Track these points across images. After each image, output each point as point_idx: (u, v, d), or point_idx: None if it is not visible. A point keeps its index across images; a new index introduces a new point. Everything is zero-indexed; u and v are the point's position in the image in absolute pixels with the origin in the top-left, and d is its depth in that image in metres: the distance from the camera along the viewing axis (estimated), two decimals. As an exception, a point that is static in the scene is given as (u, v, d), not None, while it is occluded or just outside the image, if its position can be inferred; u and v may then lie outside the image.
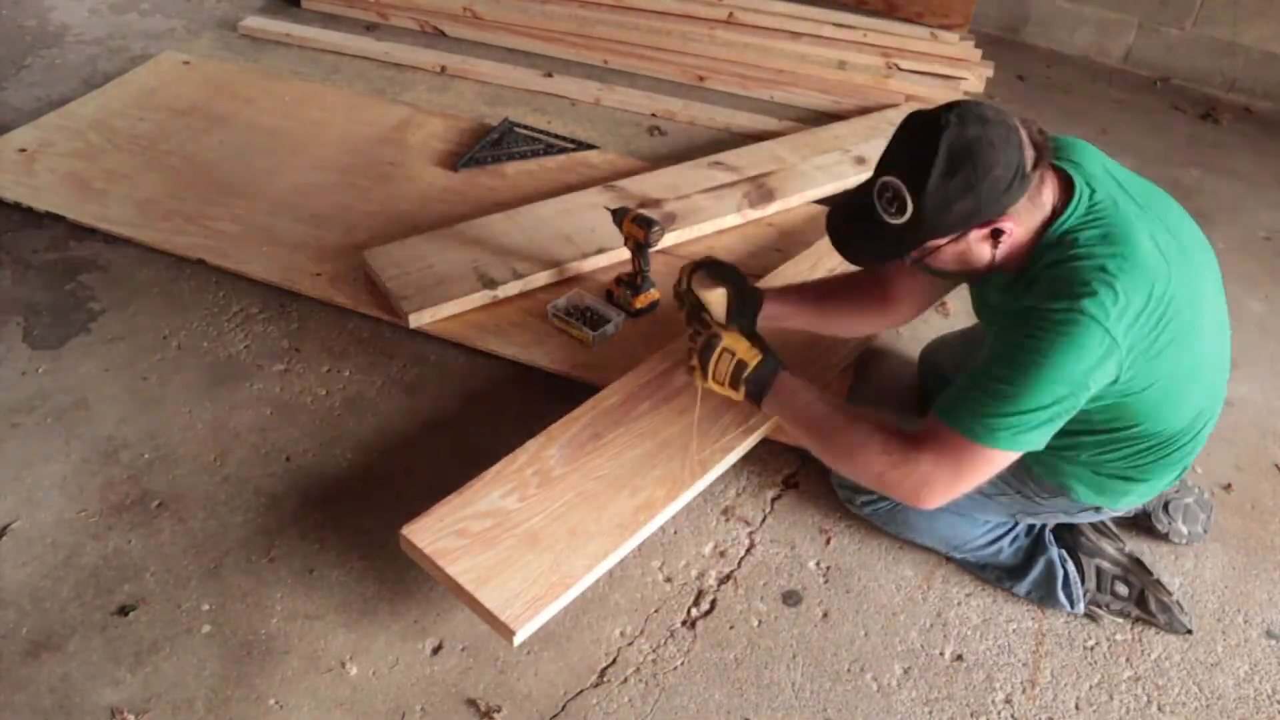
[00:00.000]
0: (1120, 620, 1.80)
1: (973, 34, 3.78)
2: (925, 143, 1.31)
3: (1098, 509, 1.68)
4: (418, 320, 2.20)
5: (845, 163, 2.81)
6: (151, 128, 2.87)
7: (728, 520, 1.93)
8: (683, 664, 1.69)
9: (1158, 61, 3.77)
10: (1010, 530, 1.81)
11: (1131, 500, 1.68)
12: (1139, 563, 1.81)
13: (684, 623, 1.75)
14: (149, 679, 1.61)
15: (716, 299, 1.69)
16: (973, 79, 3.42)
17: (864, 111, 3.25)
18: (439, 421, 2.08)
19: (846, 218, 1.46)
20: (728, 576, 1.83)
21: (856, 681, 1.68)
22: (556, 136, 3.00)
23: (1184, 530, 1.91)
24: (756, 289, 1.78)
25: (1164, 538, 1.92)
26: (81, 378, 2.13)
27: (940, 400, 1.44)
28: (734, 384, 1.62)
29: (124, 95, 3.02)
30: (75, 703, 1.57)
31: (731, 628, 1.75)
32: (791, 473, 2.03)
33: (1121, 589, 1.78)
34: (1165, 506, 1.91)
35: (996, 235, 1.37)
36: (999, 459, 1.39)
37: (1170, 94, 3.71)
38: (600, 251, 2.39)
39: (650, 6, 3.67)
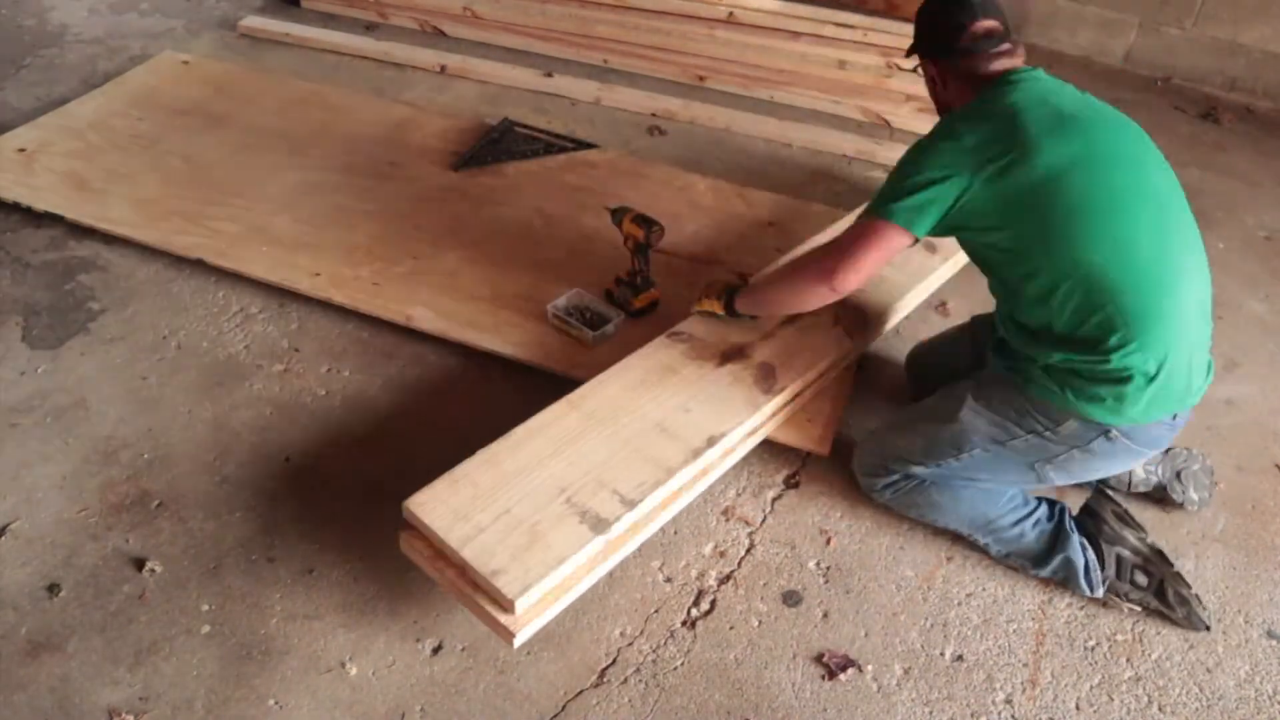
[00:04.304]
0: (1137, 610, 1.80)
1: (973, 34, 3.78)
2: None
3: (1107, 433, 1.63)
4: (525, 604, 1.54)
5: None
6: (151, 128, 2.87)
7: (728, 520, 1.93)
8: (683, 664, 1.69)
9: (1158, 61, 3.77)
10: (1033, 512, 1.83)
11: (1132, 409, 1.60)
12: (1160, 554, 1.82)
13: (684, 623, 1.75)
14: (148, 679, 1.61)
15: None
16: (973, 79, 3.42)
17: (864, 111, 3.24)
18: (439, 421, 2.08)
19: None
20: (728, 576, 1.83)
21: (856, 681, 1.68)
22: (556, 136, 3.00)
23: (1195, 497, 1.98)
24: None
25: (1180, 507, 1.98)
26: (80, 378, 2.13)
27: None
28: (717, 297, 2.06)
29: (124, 95, 3.02)
30: (75, 703, 1.57)
31: (731, 628, 1.75)
32: (791, 473, 2.03)
33: (1141, 579, 1.80)
34: (1178, 475, 1.98)
35: (933, 81, 1.82)
36: (888, 230, 1.68)
37: (1171, 94, 3.71)
38: (711, 442, 1.80)
39: (650, 6, 3.66)
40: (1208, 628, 1.78)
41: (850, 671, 1.69)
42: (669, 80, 3.44)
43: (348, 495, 1.92)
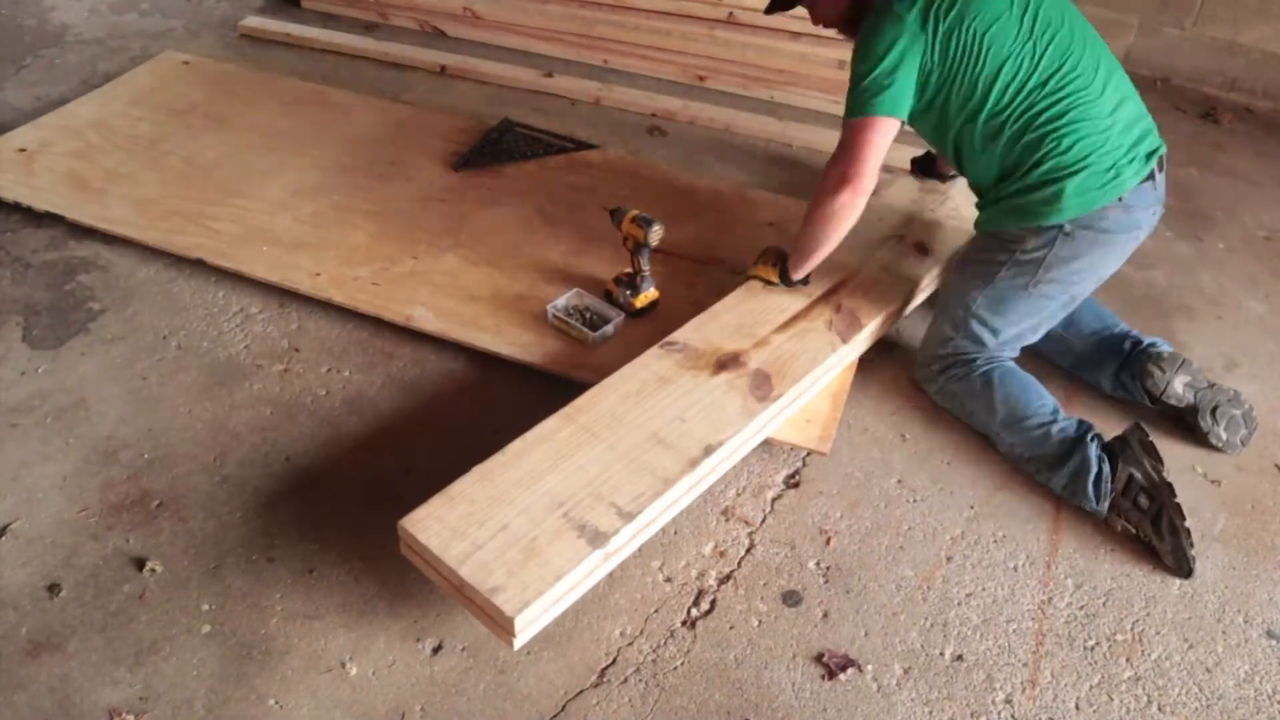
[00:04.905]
0: (1131, 532, 1.90)
1: (973, 34, 3.78)
2: None
3: (1064, 229, 1.87)
4: (524, 624, 1.53)
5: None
6: (151, 128, 2.87)
7: (728, 520, 1.93)
8: (683, 664, 1.69)
9: (1158, 61, 3.77)
10: (1060, 420, 1.97)
11: (1069, 202, 1.85)
12: (1170, 487, 1.87)
13: (684, 623, 1.75)
14: (149, 679, 1.61)
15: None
16: (973, 79, 3.42)
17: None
18: (439, 421, 2.08)
19: None
20: (728, 576, 1.83)
21: (856, 681, 1.68)
22: (556, 136, 3.00)
23: (1223, 436, 2.08)
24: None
25: (1204, 439, 2.09)
26: (81, 378, 2.13)
27: None
28: (772, 264, 2.19)
29: (124, 95, 3.02)
30: (75, 703, 1.57)
31: (731, 628, 1.75)
32: (791, 473, 2.03)
33: (1144, 501, 1.88)
34: (1214, 411, 2.07)
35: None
36: (878, 124, 1.85)
37: (1170, 94, 3.70)
38: (708, 452, 1.79)
39: (650, 6, 3.66)
40: (1190, 573, 1.85)
41: (850, 671, 1.69)
42: (669, 80, 3.44)
43: (348, 495, 1.92)
